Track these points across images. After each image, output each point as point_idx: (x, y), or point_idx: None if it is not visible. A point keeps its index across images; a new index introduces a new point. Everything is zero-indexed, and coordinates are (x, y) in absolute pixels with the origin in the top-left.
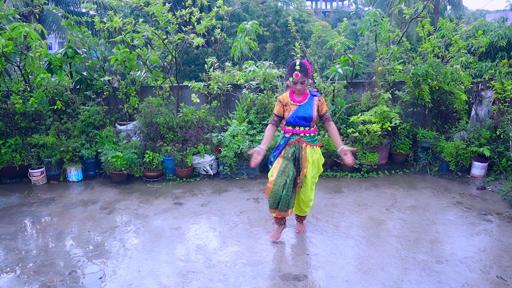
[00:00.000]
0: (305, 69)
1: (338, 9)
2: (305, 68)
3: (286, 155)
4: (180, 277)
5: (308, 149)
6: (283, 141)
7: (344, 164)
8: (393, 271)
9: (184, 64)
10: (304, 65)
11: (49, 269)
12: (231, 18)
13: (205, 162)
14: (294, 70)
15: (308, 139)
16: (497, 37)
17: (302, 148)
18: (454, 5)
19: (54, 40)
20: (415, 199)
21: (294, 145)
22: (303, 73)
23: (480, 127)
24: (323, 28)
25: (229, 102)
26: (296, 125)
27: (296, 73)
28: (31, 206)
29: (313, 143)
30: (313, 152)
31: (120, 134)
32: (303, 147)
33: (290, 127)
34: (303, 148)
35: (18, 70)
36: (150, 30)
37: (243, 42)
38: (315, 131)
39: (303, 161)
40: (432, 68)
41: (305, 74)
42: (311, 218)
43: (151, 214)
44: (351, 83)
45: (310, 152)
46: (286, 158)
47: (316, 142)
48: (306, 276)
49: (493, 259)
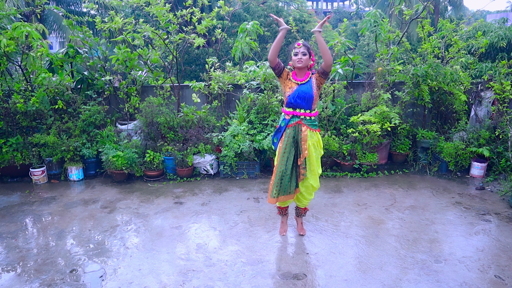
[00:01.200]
0: (307, 45)
1: (339, 9)
2: (307, 45)
3: (287, 138)
4: (181, 276)
5: (308, 132)
6: (283, 123)
7: (344, 164)
8: (392, 270)
9: (185, 64)
10: (306, 42)
11: (50, 268)
12: (232, 18)
13: (205, 161)
14: (297, 41)
15: (308, 122)
16: (497, 38)
17: (302, 131)
18: (455, 5)
19: (55, 40)
20: (415, 199)
21: (294, 127)
22: (305, 47)
23: (479, 128)
24: (323, 29)
25: (229, 102)
26: (296, 106)
27: (298, 42)
28: (32, 205)
29: (313, 127)
30: (312, 135)
31: (121, 133)
32: (303, 130)
33: (290, 109)
34: (302, 130)
35: (19, 70)
36: (150, 30)
37: (244, 42)
38: (316, 114)
39: (303, 143)
40: (432, 69)
41: (307, 48)
42: (311, 218)
43: (151, 213)
44: (351, 83)
45: (310, 136)
46: (286, 141)
47: (316, 127)
48: (306, 275)
49: (491, 258)
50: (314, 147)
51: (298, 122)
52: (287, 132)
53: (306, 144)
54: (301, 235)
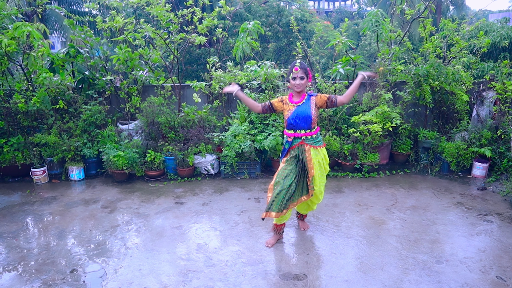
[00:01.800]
0: (305, 67)
1: (341, 9)
2: (305, 66)
3: (290, 159)
4: (181, 276)
5: (312, 151)
6: (287, 145)
7: (345, 164)
8: (393, 271)
9: (186, 64)
10: (304, 64)
11: (50, 268)
12: (233, 18)
13: (206, 161)
14: (294, 66)
15: (311, 141)
16: (499, 38)
17: (305, 151)
18: (457, 5)
19: (57, 40)
20: (416, 199)
21: (298, 148)
22: (303, 70)
23: (481, 128)
24: (325, 28)
25: (230, 101)
26: (296, 127)
27: (296, 67)
28: (33, 204)
29: (316, 144)
30: (317, 153)
31: (122, 133)
32: (307, 149)
33: (291, 131)
34: (306, 150)
35: (20, 70)
36: (151, 30)
37: (245, 42)
38: (317, 131)
39: (308, 162)
40: (433, 69)
41: (305, 71)
42: (312, 218)
43: (152, 213)
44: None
45: (315, 154)
46: (289, 162)
47: (319, 143)
48: (306, 276)
49: (493, 259)
50: (319, 164)
51: (300, 143)
52: (291, 152)
53: (312, 163)
54: (304, 229)
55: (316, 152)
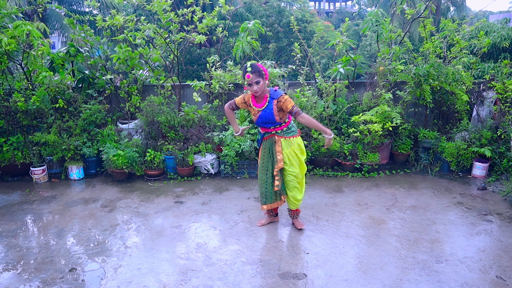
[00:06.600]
0: (257, 70)
1: (341, 9)
2: (257, 69)
3: (264, 150)
4: (180, 275)
5: (283, 142)
6: (259, 137)
7: (345, 164)
8: (392, 270)
9: (186, 63)
10: (255, 66)
11: (49, 266)
12: (234, 18)
13: (206, 161)
14: (246, 73)
15: (281, 133)
16: (500, 38)
17: (275, 142)
18: (457, 6)
19: (57, 39)
20: (416, 199)
21: (269, 140)
22: (256, 74)
23: (481, 128)
24: (325, 28)
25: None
26: (266, 127)
27: (248, 74)
28: (33, 203)
29: (288, 134)
30: (289, 143)
31: (122, 132)
32: (276, 140)
33: (262, 127)
34: (276, 141)
35: (20, 69)
36: (151, 27)
37: (245, 41)
38: (289, 123)
39: (277, 154)
40: (433, 69)
41: (258, 74)
42: (311, 217)
43: (151, 212)
44: (352, 83)
45: (286, 145)
46: (263, 153)
47: (292, 133)
48: (306, 275)
49: (493, 259)
50: (295, 154)
51: (271, 135)
52: (263, 144)
53: (281, 155)
54: (300, 229)
55: (288, 142)
